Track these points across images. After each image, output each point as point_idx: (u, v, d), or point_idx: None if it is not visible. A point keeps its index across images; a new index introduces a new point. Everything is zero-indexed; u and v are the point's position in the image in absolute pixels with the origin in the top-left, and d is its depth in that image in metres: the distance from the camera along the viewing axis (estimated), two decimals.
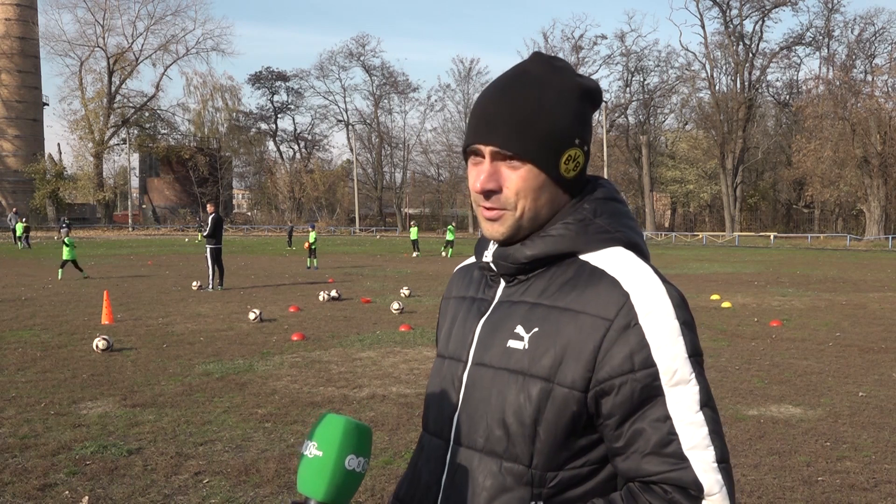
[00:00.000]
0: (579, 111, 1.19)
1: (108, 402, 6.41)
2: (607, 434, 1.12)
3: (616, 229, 1.20)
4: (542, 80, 1.19)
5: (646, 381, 1.08)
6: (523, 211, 1.18)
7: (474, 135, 1.19)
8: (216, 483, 4.50)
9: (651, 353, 1.08)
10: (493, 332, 1.21)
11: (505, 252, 1.22)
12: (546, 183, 1.17)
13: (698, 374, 1.10)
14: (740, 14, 64.43)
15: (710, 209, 74.29)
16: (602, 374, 1.09)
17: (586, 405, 1.11)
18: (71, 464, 4.78)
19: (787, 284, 18.72)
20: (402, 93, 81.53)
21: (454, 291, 1.39)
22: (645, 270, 1.14)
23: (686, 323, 1.11)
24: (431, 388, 1.31)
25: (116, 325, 10.81)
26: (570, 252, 1.19)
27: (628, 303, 1.10)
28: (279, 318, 11.78)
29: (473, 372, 1.21)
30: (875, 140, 50.67)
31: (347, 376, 7.53)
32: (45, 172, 72.04)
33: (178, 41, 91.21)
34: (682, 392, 1.08)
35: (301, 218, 76.78)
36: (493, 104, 1.18)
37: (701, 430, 1.08)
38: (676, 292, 1.13)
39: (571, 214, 1.20)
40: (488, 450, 1.16)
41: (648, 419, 1.08)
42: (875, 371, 7.98)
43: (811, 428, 5.77)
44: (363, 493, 4.36)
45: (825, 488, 4.51)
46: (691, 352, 1.10)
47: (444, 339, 1.33)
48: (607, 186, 1.26)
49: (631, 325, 1.09)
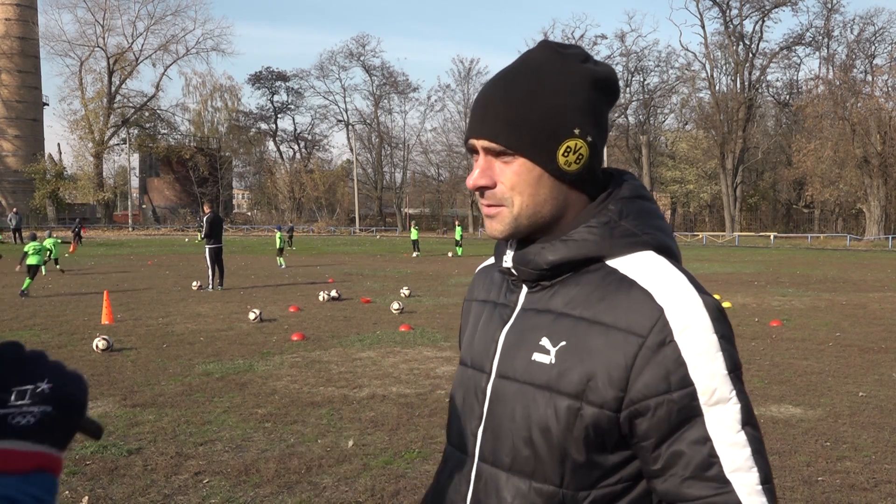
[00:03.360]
0: (582, 99, 1.10)
1: (108, 402, 6.41)
2: (643, 455, 1.06)
3: (644, 231, 1.12)
4: (543, 67, 1.11)
5: (683, 401, 1.02)
6: (521, 207, 1.11)
7: (469, 130, 1.14)
8: (216, 483, 4.50)
9: (688, 371, 1.02)
10: (516, 343, 1.15)
11: (525, 257, 1.15)
12: (543, 177, 1.10)
13: (739, 390, 1.04)
14: (740, 14, 64.41)
15: (710, 209, 74.28)
16: (635, 395, 1.04)
17: (619, 425, 1.06)
18: (71, 464, 4.78)
19: (787, 284, 18.72)
20: (402, 93, 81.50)
21: (476, 294, 1.34)
22: (679, 279, 1.07)
23: (724, 336, 1.04)
24: (454, 399, 1.27)
25: (116, 325, 10.81)
26: (596, 257, 1.11)
27: (662, 318, 1.03)
28: (279, 318, 11.78)
29: (497, 384, 1.16)
30: (875, 140, 50.65)
31: (347, 376, 7.53)
32: (45, 172, 72.00)
33: (178, 41, 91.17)
34: (722, 411, 1.02)
35: (301, 218, 76.81)
36: (486, 96, 1.13)
37: (743, 450, 1.02)
38: (713, 303, 1.06)
39: (595, 216, 1.12)
40: (516, 469, 1.11)
41: (687, 441, 1.02)
42: (875, 371, 7.98)
43: (811, 428, 5.77)
44: (363, 493, 4.36)
45: (825, 488, 4.51)
46: (731, 367, 1.04)
47: (467, 345, 1.28)
48: (633, 183, 1.17)
49: (666, 342, 1.03)
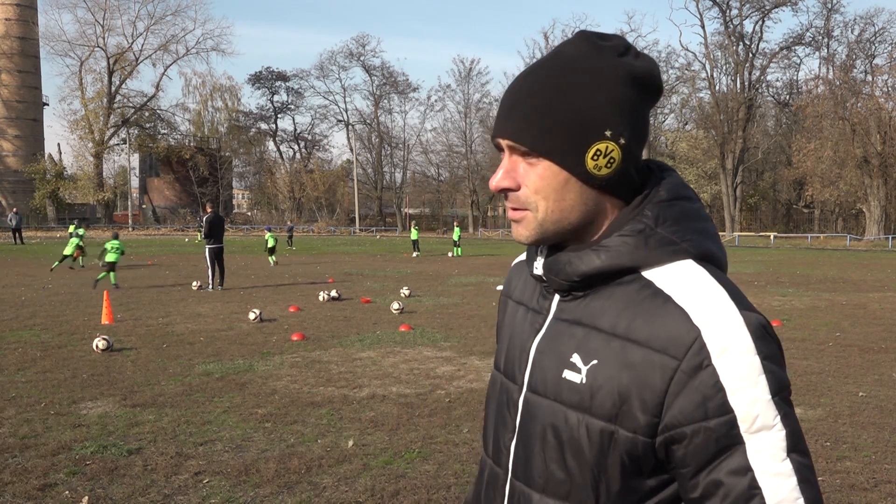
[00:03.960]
0: (616, 97, 1.02)
1: (108, 402, 6.42)
2: (681, 482, 1.01)
3: (683, 238, 1.04)
4: (574, 62, 1.03)
5: (721, 430, 0.95)
6: (546, 213, 1.04)
7: (494, 127, 1.07)
8: (216, 483, 4.50)
9: (727, 397, 0.95)
10: (548, 356, 1.10)
11: (556, 266, 1.08)
12: (570, 182, 1.03)
13: (784, 415, 0.96)
14: (740, 14, 64.39)
15: (710, 209, 74.19)
16: (671, 421, 0.98)
17: (654, 451, 1.01)
18: (71, 464, 4.79)
19: (787, 284, 18.72)
20: (402, 93, 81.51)
21: (514, 292, 1.28)
22: (718, 295, 0.99)
23: (769, 357, 0.97)
24: (489, 407, 1.24)
25: (116, 325, 10.81)
26: (631, 268, 1.04)
27: (699, 340, 0.96)
28: (279, 318, 11.78)
29: (528, 399, 1.12)
30: (875, 140, 50.65)
31: (347, 376, 7.53)
32: (45, 172, 71.98)
33: (178, 41, 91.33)
34: (765, 439, 0.95)
35: (301, 218, 76.81)
36: (513, 92, 1.05)
37: (788, 481, 0.95)
38: (756, 320, 0.98)
39: (629, 224, 1.04)
40: (550, 491, 1.07)
41: (725, 470, 0.96)
42: (875, 371, 7.98)
43: (811, 428, 5.77)
44: (363, 493, 4.36)
45: (825, 488, 4.50)
46: (776, 390, 0.96)
47: (501, 350, 1.24)
48: (673, 181, 1.08)
49: (703, 366, 0.96)
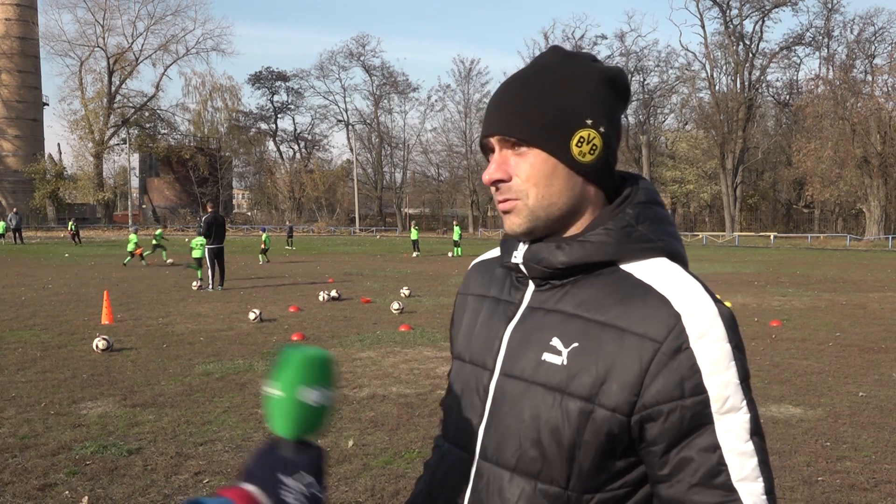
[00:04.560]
0: (593, 93, 1.12)
1: (108, 402, 6.42)
2: (650, 460, 1.07)
3: (659, 238, 1.13)
4: (552, 66, 1.14)
5: (696, 408, 1.03)
6: (536, 199, 1.11)
7: (483, 129, 1.15)
8: (216, 483, 4.50)
9: (702, 379, 1.02)
10: (524, 342, 1.14)
11: (538, 255, 1.14)
12: (558, 168, 1.11)
13: (749, 399, 1.05)
14: (740, 14, 64.42)
15: (710, 209, 74.28)
16: (649, 399, 1.04)
17: (629, 429, 1.06)
18: (71, 464, 4.78)
19: (787, 284, 18.72)
20: (402, 93, 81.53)
21: (473, 287, 1.32)
22: (695, 287, 1.07)
23: (738, 346, 1.06)
24: (453, 394, 1.25)
25: (116, 325, 10.81)
26: (610, 261, 1.11)
27: (679, 324, 1.04)
28: (279, 318, 11.78)
29: (502, 382, 1.15)
30: (875, 140, 50.66)
31: (347, 376, 7.53)
32: (45, 172, 72.03)
33: (178, 41, 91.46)
34: (733, 420, 1.03)
35: (301, 218, 76.80)
36: (499, 96, 1.15)
37: (751, 460, 1.03)
38: (728, 312, 1.07)
39: (613, 220, 1.12)
40: (521, 470, 1.11)
41: (696, 448, 1.03)
42: (875, 371, 7.98)
43: (811, 428, 5.77)
44: (363, 493, 4.36)
45: (825, 488, 4.51)
46: (743, 376, 1.05)
47: (464, 340, 1.27)
48: (649, 188, 1.18)
49: (682, 348, 1.03)
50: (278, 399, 0.95)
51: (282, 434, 0.96)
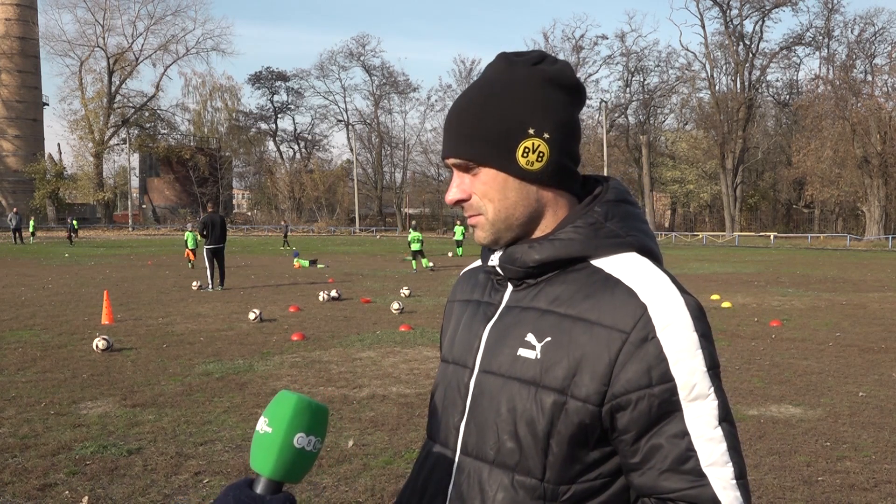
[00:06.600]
0: (535, 99, 1.14)
1: (108, 402, 6.42)
2: (622, 449, 1.09)
3: (628, 233, 1.17)
4: (492, 78, 1.17)
5: (663, 396, 1.05)
6: (494, 213, 1.16)
7: (442, 150, 1.20)
8: (216, 483, 4.50)
9: (669, 367, 1.05)
10: (501, 339, 1.18)
11: (512, 255, 1.18)
12: (509, 181, 1.15)
13: (717, 387, 1.07)
14: (740, 14, 64.43)
15: (710, 209, 74.25)
16: (618, 389, 1.07)
17: (601, 419, 1.09)
18: (71, 464, 4.79)
19: (787, 284, 18.72)
20: (402, 93, 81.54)
21: (458, 295, 1.37)
22: (661, 279, 1.11)
23: (705, 335, 1.08)
24: (436, 395, 1.28)
25: (116, 325, 10.81)
26: (581, 257, 1.15)
27: (645, 315, 1.07)
28: (279, 318, 11.78)
29: (481, 379, 1.18)
30: (875, 140, 50.63)
31: (347, 376, 7.53)
32: (45, 172, 71.99)
33: (178, 41, 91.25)
34: (701, 407, 1.06)
35: (301, 218, 76.78)
36: (450, 116, 1.19)
37: (720, 446, 1.05)
38: (694, 302, 1.10)
39: (582, 217, 1.16)
40: (499, 462, 1.13)
41: (666, 435, 1.06)
42: (875, 371, 7.98)
43: (811, 428, 5.77)
44: (363, 493, 4.36)
45: (825, 488, 4.51)
46: (709, 365, 1.07)
47: (449, 343, 1.31)
48: (618, 188, 1.22)
49: (648, 338, 1.06)
50: (269, 437, 0.96)
51: (261, 472, 0.96)
